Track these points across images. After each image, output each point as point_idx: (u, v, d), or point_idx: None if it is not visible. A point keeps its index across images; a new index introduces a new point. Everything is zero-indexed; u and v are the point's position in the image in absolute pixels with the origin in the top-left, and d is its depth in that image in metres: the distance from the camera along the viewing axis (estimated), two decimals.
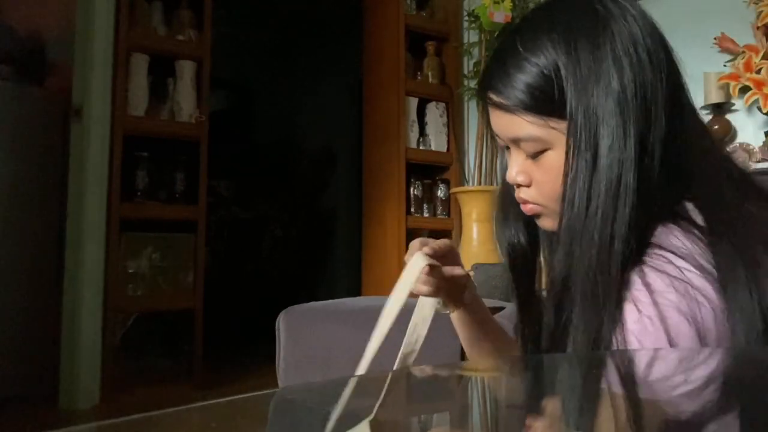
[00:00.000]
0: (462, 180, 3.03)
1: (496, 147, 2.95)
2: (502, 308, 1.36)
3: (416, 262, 0.75)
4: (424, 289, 0.79)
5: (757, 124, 2.38)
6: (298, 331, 1.60)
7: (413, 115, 3.04)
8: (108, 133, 2.54)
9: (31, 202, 2.64)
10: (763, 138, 2.31)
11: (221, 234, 4.63)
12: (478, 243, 2.77)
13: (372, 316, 0.76)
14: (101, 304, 2.49)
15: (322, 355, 1.55)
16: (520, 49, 0.66)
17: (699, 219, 0.64)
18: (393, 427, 0.41)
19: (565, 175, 0.65)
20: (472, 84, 2.98)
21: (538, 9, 0.71)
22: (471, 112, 3.06)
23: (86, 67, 2.51)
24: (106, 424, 0.37)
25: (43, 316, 2.59)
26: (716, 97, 2.36)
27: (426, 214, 3.04)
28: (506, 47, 0.69)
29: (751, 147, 2.29)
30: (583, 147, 0.64)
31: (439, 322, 0.85)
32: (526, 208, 0.72)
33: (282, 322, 1.62)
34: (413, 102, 3.04)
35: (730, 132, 2.39)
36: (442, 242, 0.80)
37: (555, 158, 0.67)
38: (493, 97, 0.69)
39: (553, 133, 0.66)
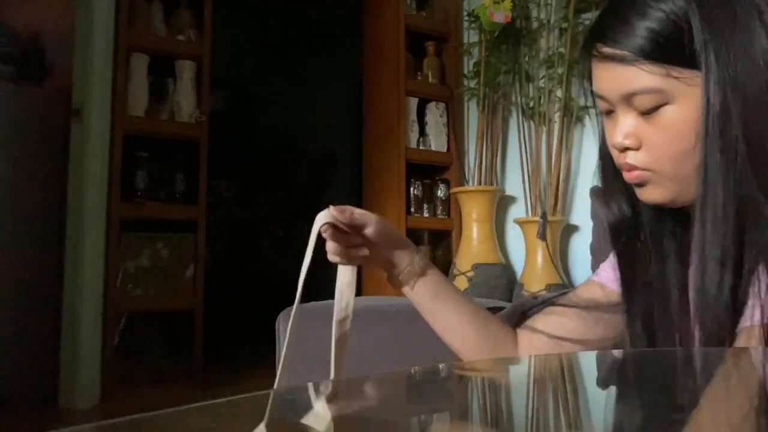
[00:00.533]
0: (462, 180, 3.03)
1: (495, 147, 2.95)
2: (502, 308, 1.36)
3: (316, 221, 0.76)
4: (331, 256, 0.78)
5: None
6: (298, 331, 1.60)
7: (413, 115, 3.04)
8: (108, 133, 2.54)
9: (31, 202, 2.63)
10: None
11: (221, 234, 4.63)
12: (478, 243, 2.77)
13: (372, 317, 0.76)
14: (101, 304, 2.49)
15: (322, 355, 1.55)
16: None
17: None
18: (393, 427, 0.41)
19: (705, 128, 0.60)
20: (472, 84, 2.98)
21: None
22: (471, 112, 3.05)
23: (86, 67, 2.51)
24: (106, 424, 0.37)
25: (43, 316, 2.58)
26: None
27: (426, 214, 3.04)
28: None
29: None
30: (724, 96, 0.59)
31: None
32: (632, 176, 0.66)
33: (282, 322, 1.62)
34: (413, 102, 3.04)
35: None
36: (352, 209, 0.77)
37: (673, 113, 0.62)
38: (606, 48, 0.64)
39: (675, 84, 0.61)
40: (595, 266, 1.06)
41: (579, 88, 2.45)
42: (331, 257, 0.78)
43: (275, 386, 0.77)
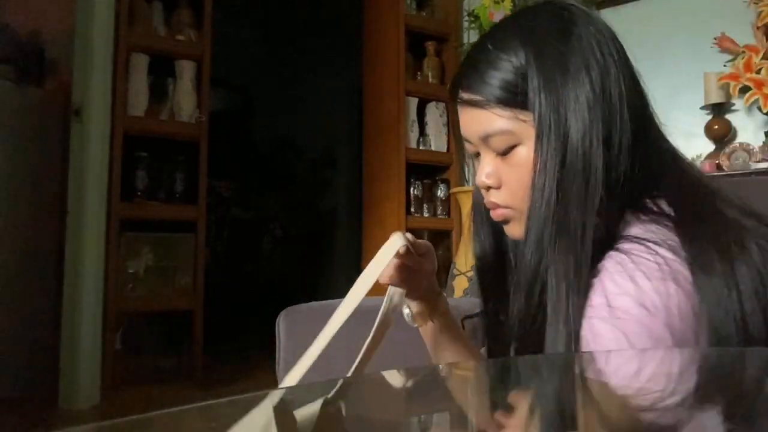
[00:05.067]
0: (462, 180, 3.03)
1: None
2: None
3: (395, 242, 0.71)
4: (392, 275, 0.74)
5: (757, 124, 2.38)
6: (298, 331, 1.60)
7: (413, 115, 3.04)
8: (108, 133, 2.54)
9: (31, 202, 2.63)
10: (763, 138, 2.31)
11: (221, 234, 4.63)
12: None
13: (373, 317, 0.75)
14: (101, 304, 2.49)
15: (322, 355, 1.55)
16: (491, 48, 0.69)
17: (669, 211, 0.65)
18: (393, 427, 0.41)
19: (535, 164, 0.66)
20: None
21: (508, 17, 0.75)
22: None
23: (86, 67, 2.51)
24: (106, 424, 0.37)
25: (43, 316, 2.59)
26: (716, 97, 2.36)
27: (426, 214, 3.04)
28: (478, 49, 0.72)
29: (751, 147, 2.29)
30: (552, 136, 0.65)
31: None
32: (496, 213, 0.72)
33: (282, 322, 1.61)
34: (413, 102, 3.04)
35: (730, 132, 2.39)
36: (423, 241, 0.79)
37: (525, 154, 0.68)
38: (465, 95, 0.71)
39: (522, 126, 0.67)
40: None
41: None
42: (393, 279, 0.75)
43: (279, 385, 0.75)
